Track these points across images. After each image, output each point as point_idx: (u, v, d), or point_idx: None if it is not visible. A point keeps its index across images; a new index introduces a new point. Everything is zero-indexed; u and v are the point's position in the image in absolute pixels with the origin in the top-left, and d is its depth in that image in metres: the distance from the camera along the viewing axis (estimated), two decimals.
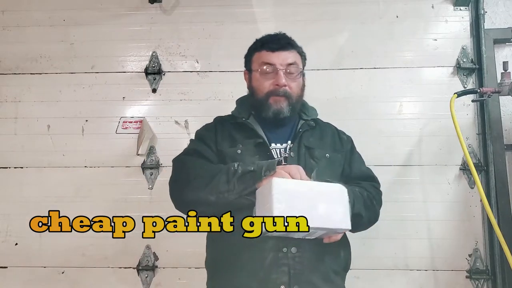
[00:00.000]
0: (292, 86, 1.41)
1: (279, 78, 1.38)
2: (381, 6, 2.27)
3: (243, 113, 1.47)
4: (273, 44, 1.42)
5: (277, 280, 1.23)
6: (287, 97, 1.40)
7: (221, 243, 1.32)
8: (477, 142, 2.15)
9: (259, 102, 1.42)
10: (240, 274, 1.27)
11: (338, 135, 1.54)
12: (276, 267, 1.24)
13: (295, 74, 1.42)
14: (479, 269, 2.04)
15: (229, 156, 1.36)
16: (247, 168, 1.24)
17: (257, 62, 1.44)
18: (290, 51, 1.43)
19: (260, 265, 1.24)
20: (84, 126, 2.25)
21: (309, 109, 1.53)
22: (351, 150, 1.52)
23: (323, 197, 1.19)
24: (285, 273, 1.24)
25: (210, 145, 1.41)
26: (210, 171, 1.29)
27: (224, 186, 1.24)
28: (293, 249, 1.25)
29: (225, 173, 1.26)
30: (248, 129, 1.42)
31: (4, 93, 2.29)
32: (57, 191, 2.19)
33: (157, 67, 2.26)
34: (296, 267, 1.24)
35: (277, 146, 1.40)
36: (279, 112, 1.40)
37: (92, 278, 2.13)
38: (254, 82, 1.45)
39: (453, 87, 2.13)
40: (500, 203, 2.07)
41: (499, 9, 2.26)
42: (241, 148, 1.37)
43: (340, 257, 1.35)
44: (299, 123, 1.47)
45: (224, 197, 1.24)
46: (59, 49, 2.30)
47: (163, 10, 2.32)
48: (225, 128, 1.46)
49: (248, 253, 1.26)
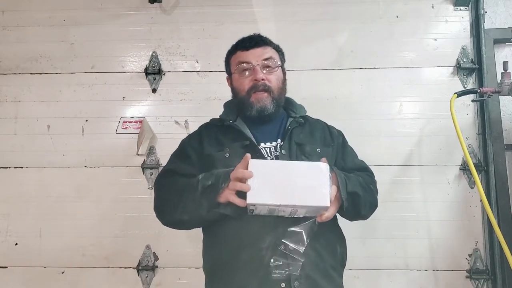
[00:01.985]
0: (271, 79, 1.42)
1: (256, 73, 1.40)
2: (381, 6, 2.27)
3: (231, 116, 1.48)
4: (246, 43, 1.44)
5: (277, 278, 1.24)
6: (268, 91, 1.41)
7: (218, 246, 1.33)
8: (477, 142, 2.15)
9: (242, 101, 1.43)
10: (240, 275, 1.27)
11: (328, 129, 1.54)
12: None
13: (272, 67, 1.43)
14: (479, 269, 2.04)
15: (218, 160, 1.36)
16: (205, 183, 1.26)
17: (234, 64, 1.46)
18: (264, 48, 1.44)
19: (259, 264, 1.25)
20: (84, 126, 2.25)
21: (296, 106, 1.54)
22: (343, 144, 1.53)
23: (301, 175, 1.20)
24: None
25: (190, 157, 1.42)
26: (179, 191, 1.32)
27: (191, 204, 1.28)
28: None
29: (189, 191, 1.28)
30: (235, 131, 1.42)
31: (4, 93, 2.29)
32: (57, 191, 2.19)
33: (157, 67, 2.27)
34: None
35: (266, 145, 1.41)
36: (263, 109, 1.40)
37: (92, 278, 2.13)
38: (234, 83, 1.47)
39: (453, 87, 2.13)
40: (500, 203, 2.07)
41: (499, 9, 2.26)
42: (228, 151, 1.38)
43: (337, 252, 1.36)
44: (288, 120, 1.47)
45: (196, 214, 1.28)
46: (59, 49, 2.30)
47: (163, 10, 2.32)
48: (212, 133, 1.47)
49: (246, 253, 1.26)
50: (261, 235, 1.25)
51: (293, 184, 1.19)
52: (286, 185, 1.19)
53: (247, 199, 1.18)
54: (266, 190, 1.18)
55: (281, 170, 1.22)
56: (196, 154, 1.42)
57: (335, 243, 1.37)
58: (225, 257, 1.31)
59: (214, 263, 1.36)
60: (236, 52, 1.46)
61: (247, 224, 1.26)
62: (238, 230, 1.27)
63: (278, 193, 1.18)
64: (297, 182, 1.19)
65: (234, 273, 1.28)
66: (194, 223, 1.37)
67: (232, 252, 1.29)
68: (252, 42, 1.44)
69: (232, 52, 1.48)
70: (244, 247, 1.26)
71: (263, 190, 1.18)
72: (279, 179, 1.20)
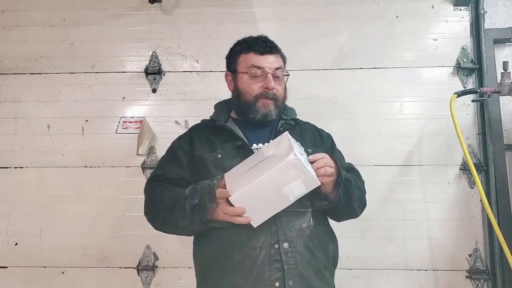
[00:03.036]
0: (279, 89, 1.44)
1: (268, 81, 1.40)
2: (381, 6, 2.27)
3: (222, 116, 1.48)
4: (261, 47, 1.43)
5: (271, 277, 1.24)
6: (274, 100, 1.42)
7: (210, 247, 1.33)
8: (477, 142, 2.15)
9: (247, 104, 1.43)
10: (233, 275, 1.27)
11: (318, 132, 1.56)
12: (268, 264, 1.25)
13: (280, 78, 1.45)
14: (479, 269, 2.04)
15: (210, 161, 1.37)
16: (192, 202, 1.26)
17: (245, 65, 1.44)
18: (276, 55, 1.45)
19: (253, 263, 1.25)
20: (84, 126, 2.25)
21: (288, 109, 1.55)
22: (331, 146, 1.55)
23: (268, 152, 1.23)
24: (278, 269, 1.24)
25: (179, 159, 1.42)
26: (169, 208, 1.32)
27: (183, 222, 1.29)
28: (285, 244, 1.26)
29: (179, 209, 1.29)
30: (227, 132, 1.43)
31: (4, 93, 2.29)
32: (57, 191, 2.19)
33: (157, 67, 2.27)
34: (289, 262, 1.25)
35: (258, 146, 1.41)
36: (267, 115, 1.41)
37: (92, 278, 2.13)
38: (241, 85, 1.45)
39: (453, 87, 2.13)
40: (500, 203, 2.07)
41: (499, 9, 2.26)
42: (220, 152, 1.38)
43: (329, 252, 1.37)
44: (279, 123, 1.48)
45: (190, 228, 1.31)
46: (59, 49, 2.30)
47: (163, 10, 2.32)
48: (203, 134, 1.47)
49: (239, 253, 1.26)
50: (254, 233, 1.25)
51: (263, 162, 1.21)
52: (258, 166, 1.21)
53: (253, 224, 1.22)
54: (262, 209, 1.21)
55: (249, 161, 1.26)
56: (186, 157, 1.42)
57: (327, 242, 1.37)
58: (217, 257, 1.31)
59: (206, 264, 1.35)
60: (249, 53, 1.44)
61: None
62: (230, 229, 1.27)
63: (252, 176, 1.19)
64: (265, 158, 1.22)
65: (226, 273, 1.28)
66: (188, 234, 1.41)
67: (224, 251, 1.29)
68: (266, 47, 1.43)
69: (243, 51, 1.46)
70: (236, 247, 1.26)
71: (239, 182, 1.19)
72: (249, 167, 1.22)
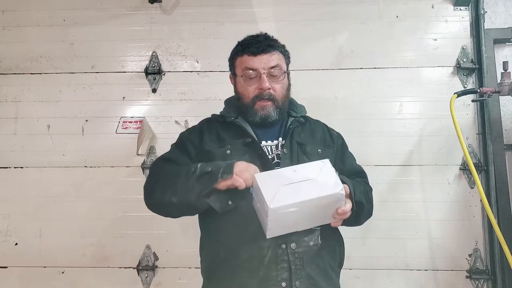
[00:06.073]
0: (277, 88, 1.41)
1: (262, 82, 1.39)
2: (381, 6, 2.27)
3: (232, 113, 1.47)
4: (254, 48, 1.41)
5: (277, 277, 1.24)
6: (272, 101, 1.40)
7: (217, 245, 1.32)
8: (477, 142, 2.15)
9: (246, 107, 1.43)
10: (240, 274, 1.27)
11: (328, 131, 1.55)
12: (275, 264, 1.25)
13: (278, 76, 1.42)
14: (479, 269, 2.04)
15: (219, 157, 1.36)
16: (205, 169, 1.24)
17: (240, 67, 1.44)
18: (271, 53, 1.42)
19: (260, 263, 1.25)
20: (84, 126, 2.25)
21: (297, 106, 1.54)
22: (342, 146, 1.53)
23: (308, 173, 1.19)
24: (285, 270, 1.24)
25: (188, 151, 1.41)
26: (174, 173, 1.30)
27: (183, 186, 1.25)
28: (292, 245, 1.26)
29: (184, 174, 1.26)
30: (237, 128, 1.42)
31: (4, 93, 2.29)
32: (57, 191, 2.19)
33: (157, 67, 2.27)
34: (296, 262, 1.25)
35: (267, 143, 1.41)
36: (266, 117, 1.40)
37: (92, 278, 2.13)
38: (239, 88, 1.45)
39: (453, 87, 2.14)
40: (500, 203, 2.07)
41: (499, 9, 2.26)
42: (230, 148, 1.37)
43: (336, 253, 1.37)
44: (288, 120, 1.47)
45: (184, 198, 1.25)
46: (59, 49, 2.31)
47: (163, 10, 2.32)
48: (213, 129, 1.46)
49: (246, 252, 1.26)
50: (262, 233, 1.24)
51: (304, 185, 1.17)
52: (299, 188, 1.17)
53: (270, 205, 1.12)
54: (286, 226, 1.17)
55: (288, 177, 1.20)
56: (195, 150, 1.42)
57: (334, 244, 1.38)
58: (223, 256, 1.30)
59: (213, 260, 1.35)
60: (243, 55, 1.43)
61: (247, 221, 1.25)
62: (238, 227, 1.27)
63: (295, 193, 1.15)
64: (308, 182, 1.18)
65: (233, 272, 1.28)
66: (179, 209, 1.32)
67: (231, 250, 1.28)
68: (259, 47, 1.41)
69: (238, 54, 1.46)
70: (243, 246, 1.26)
71: (280, 194, 1.14)
72: (289, 186, 1.17)
